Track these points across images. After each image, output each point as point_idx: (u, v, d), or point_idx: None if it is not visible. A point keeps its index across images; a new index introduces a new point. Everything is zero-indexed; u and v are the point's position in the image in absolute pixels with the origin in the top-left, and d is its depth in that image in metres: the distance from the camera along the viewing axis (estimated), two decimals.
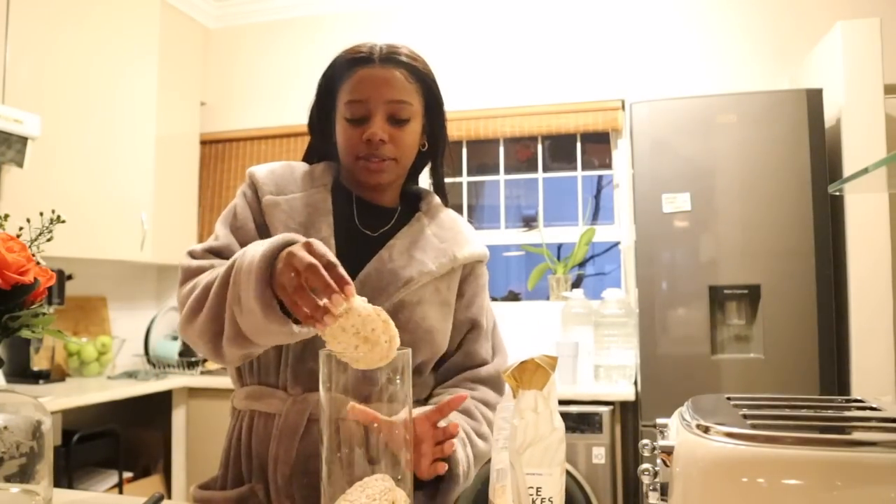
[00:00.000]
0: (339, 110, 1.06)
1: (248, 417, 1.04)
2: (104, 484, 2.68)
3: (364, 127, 1.03)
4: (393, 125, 1.04)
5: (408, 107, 1.05)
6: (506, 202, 3.42)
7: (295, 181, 1.09)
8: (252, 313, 0.83)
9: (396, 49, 1.06)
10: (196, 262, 1.01)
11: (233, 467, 1.05)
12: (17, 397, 0.88)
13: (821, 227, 2.33)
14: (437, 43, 3.30)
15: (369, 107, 1.03)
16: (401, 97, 1.04)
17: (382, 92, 1.03)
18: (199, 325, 0.92)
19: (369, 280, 1.03)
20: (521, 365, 0.74)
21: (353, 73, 1.04)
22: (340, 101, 1.05)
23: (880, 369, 2.23)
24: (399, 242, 1.08)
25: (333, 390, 0.76)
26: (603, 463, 2.41)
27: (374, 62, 1.04)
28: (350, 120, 1.04)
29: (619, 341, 2.75)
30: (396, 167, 1.07)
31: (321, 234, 1.03)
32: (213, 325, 0.91)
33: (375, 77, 1.03)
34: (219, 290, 0.89)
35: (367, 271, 1.04)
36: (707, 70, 3.03)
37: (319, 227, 1.04)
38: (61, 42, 2.62)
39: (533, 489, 0.71)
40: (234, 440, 1.06)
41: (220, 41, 3.71)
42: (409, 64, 1.06)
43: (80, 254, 2.65)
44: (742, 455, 0.61)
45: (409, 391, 0.77)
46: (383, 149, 1.04)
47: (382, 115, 1.03)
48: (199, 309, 0.92)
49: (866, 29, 2.30)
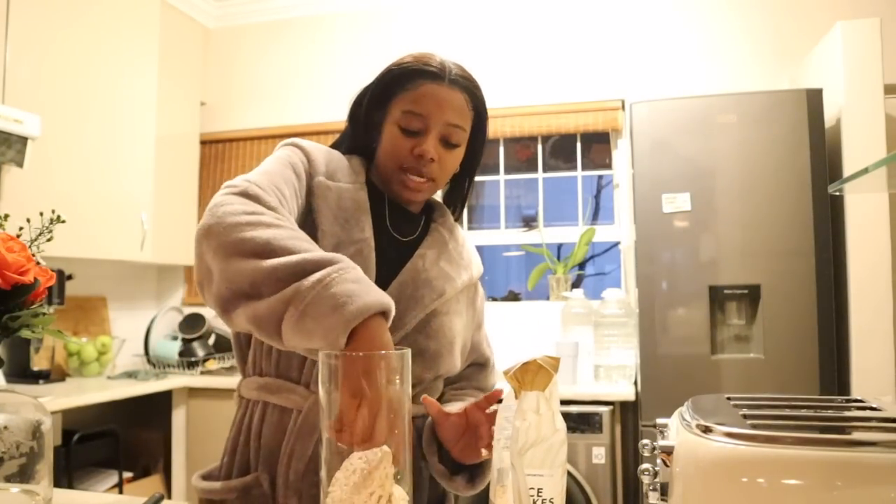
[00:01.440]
0: (393, 115, 1.05)
1: (261, 408, 1.03)
2: (104, 484, 2.68)
3: (416, 140, 1.03)
4: (444, 146, 1.05)
5: (461, 132, 1.06)
6: (506, 202, 3.42)
7: (342, 170, 1.07)
8: (315, 334, 0.76)
9: (464, 72, 1.07)
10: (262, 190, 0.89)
11: (240, 456, 1.04)
12: (17, 397, 0.88)
13: (821, 227, 2.33)
14: (436, 43, 3.30)
15: (428, 123, 1.03)
16: (458, 122, 1.05)
17: (444, 112, 1.03)
18: (239, 273, 0.80)
19: (405, 288, 1.03)
20: (523, 366, 0.74)
21: (419, 85, 1.03)
22: (397, 107, 1.04)
23: (880, 369, 2.23)
24: (430, 253, 1.09)
25: (332, 390, 0.75)
26: (603, 463, 2.41)
27: (442, 80, 1.04)
28: (404, 129, 1.03)
29: (619, 341, 2.75)
30: (433, 187, 1.08)
31: (364, 234, 1.02)
32: (250, 289, 0.80)
33: (441, 96, 1.03)
34: (284, 274, 0.78)
35: (403, 279, 1.04)
36: (707, 70, 3.03)
37: (363, 226, 1.03)
38: (61, 42, 2.62)
39: (534, 490, 0.71)
40: (243, 429, 1.04)
41: (220, 41, 3.71)
42: (472, 90, 1.07)
43: (80, 254, 2.65)
44: (742, 455, 0.61)
45: (408, 392, 0.77)
46: (430, 167, 1.04)
47: (437, 135, 1.03)
48: (243, 254, 0.80)
49: (866, 29, 2.30)
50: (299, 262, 0.79)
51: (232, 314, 0.82)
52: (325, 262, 0.79)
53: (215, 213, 0.84)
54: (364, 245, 1.02)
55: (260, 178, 0.92)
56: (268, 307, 0.78)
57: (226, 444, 1.08)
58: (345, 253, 0.99)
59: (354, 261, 0.97)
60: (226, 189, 0.89)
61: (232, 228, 0.82)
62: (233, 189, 0.88)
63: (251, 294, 0.79)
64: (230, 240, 0.81)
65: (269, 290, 0.78)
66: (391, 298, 0.80)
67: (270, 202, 0.88)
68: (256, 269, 0.79)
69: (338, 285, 0.77)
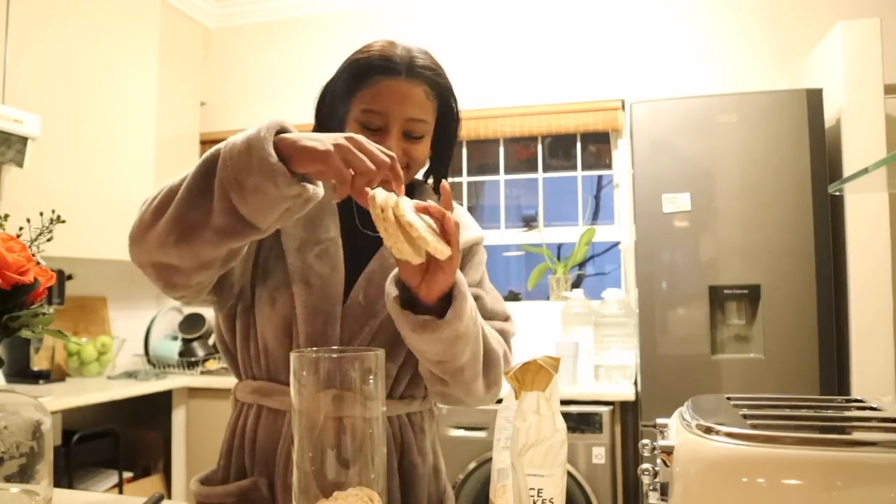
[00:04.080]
0: (353, 112, 1.02)
1: (256, 411, 1.03)
2: (104, 484, 2.68)
3: (378, 137, 1.00)
4: (406, 140, 1.02)
5: (423, 125, 1.03)
6: (506, 202, 3.42)
7: None
8: (263, 186, 0.79)
9: (425, 60, 1.03)
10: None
11: (235, 460, 1.04)
12: (17, 397, 0.88)
13: (821, 227, 2.33)
14: (436, 43, 3.27)
15: (387, 120, 1.00)
16: (420, 116, 1.02)
17: (404, 108, 1.00)
18: (162, 227, 0.85)
19: (374, 277, 1.04)
20: (523, 366, 0.74)
21: (376, 82, 1.00)
22: (356, 104, 1.01)
23: (880, 369, 2.23)
24: None
25: (306, 387, 0.75)
26: (603, 463, 2.41)
27: (399, 74, 1.00)
28: (364, 127, 1.01)
29: (619, 341, 2.75)
30: (405, 177, 1.05)
31: (329, 234, 1.04)
32: (182, 224, 0.84)
33: (398, 91, 1.00)
34: (194, 184, 0.84)
35: (371, 268, 1.04)
36: (707, 70, 3.03)
37: (328, 226, 1.05)
38: (61, 42, 2.62)
39: (534, 490, 0.71)
40: (237, 432, 1.05)
41: (220, 41, 3.71)
42: (432, 79, 1.03)
43: (80, 254, 2.65)
44: (742, 455, 0.61)
45: (382, 390, 0.77)
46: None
47: (398, 130, 1.01)
48: (163, 210, 0.86)
49: (866, 29, 2.30)
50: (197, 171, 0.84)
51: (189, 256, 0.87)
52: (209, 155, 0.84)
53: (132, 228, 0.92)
54: (330, 244, 1.04)
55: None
56: (217, 211, 0.83)
57: (221, 446, 1.08)
58: (310, 253, 1.03)
59: (321, 259, 1.03)
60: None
61: (142, 228, 0.89)
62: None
63: (186, 229, 0.85)
64: (146, 236, 0.88)
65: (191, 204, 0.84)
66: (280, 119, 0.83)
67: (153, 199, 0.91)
68: (173, 213, 0.85)
69: (234, 145, 0.81)
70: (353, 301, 1.03)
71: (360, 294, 1.03)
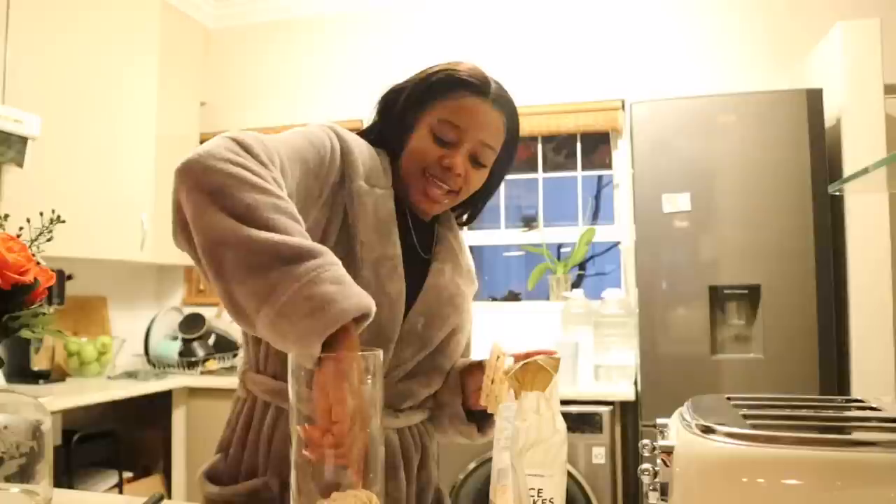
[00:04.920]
0: (428, 119, 1.01)
1: (274, 412, 0.98)
2: (104, 484, 2.68)
3: (447, 151, 1.00)
4: (472, 164, 1.02)
5: (491, 153, 1.04)
6: (506, 202, 3.42)
7: (376, 170, 1.01)
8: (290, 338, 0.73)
9: (506, 94, 1.05)
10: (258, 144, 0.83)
11: (248, 457, 1.00)
12: (17, 397, 0.88)
13: (821, 227, 2.33)
14: (436, 43, 3.30)
15: (462, 136, 1.00)
16: (492, 143, 1.03)
17: (481, 130, 1.01)
18: (212, 228, 0.75)
19: (431, 306, 1.03)
20: (523, 366, 0.74)
21: (461, 96, 1.00)
22: (435, 113, 1.01)
23: (880, 369, 2.23)
24: (446, 267, 1.08)
25: (305, 388, 0.74)
26: (603, 463, 2.41)
27: (486, 96, 1.01)
28: (437, 137, 1.00)
29: (619, 341, 2.75)
30: (452, 200, 1.06)
31: (396, 250, 1.00)
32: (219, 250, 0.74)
33: (481, 111, 1.01)
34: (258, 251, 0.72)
35: (427, 296, 1.03)
36: (707, 70, 3.03)
37: (394, 240, 1.00)
38: (61, 42, 2.62)
39: (534, 490, 0.71)
40: (253, 426, 1.00)
41: (220, 41, 3.71)
42: (510, 114, 1.05)
43: (80, 254, 2.65)
44: (742, 455, 0.61)
45: (381, 390, 0.76)
46: (455, 180, 1.02)
47: (468, 150, 1.01)
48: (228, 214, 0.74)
49: (866, 29, 2.30)
50: (277, 245, 0.73)
51: (206, 272, 0.77)
52: (304, 253, 0.74)
53: (198, 152, 0.78)
54: (397, 261, 0.99)
55: (265, 138, 0.85)
56: (243, 296, 0.73)
57: (228, 434, 1.04)
58: (382, 270, 0.97)
59: (389, 278, 0.97)
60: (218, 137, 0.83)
61: (212, 173, 0.76)
62: (225, 135, 0.82)
63: (221, 261, 0.74)
64: (209, 184, 0.75)
65: (240, 263, 0.73)
66: (372, 299, 0.75)
67: (262, 158, 0.81)
68: (229, 231, 0.73)
69: (316, 286, 0.72)
70: (412, 327, 1.01)
71: (420, 323, 1.01)
